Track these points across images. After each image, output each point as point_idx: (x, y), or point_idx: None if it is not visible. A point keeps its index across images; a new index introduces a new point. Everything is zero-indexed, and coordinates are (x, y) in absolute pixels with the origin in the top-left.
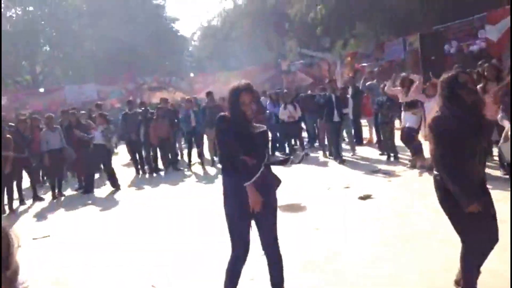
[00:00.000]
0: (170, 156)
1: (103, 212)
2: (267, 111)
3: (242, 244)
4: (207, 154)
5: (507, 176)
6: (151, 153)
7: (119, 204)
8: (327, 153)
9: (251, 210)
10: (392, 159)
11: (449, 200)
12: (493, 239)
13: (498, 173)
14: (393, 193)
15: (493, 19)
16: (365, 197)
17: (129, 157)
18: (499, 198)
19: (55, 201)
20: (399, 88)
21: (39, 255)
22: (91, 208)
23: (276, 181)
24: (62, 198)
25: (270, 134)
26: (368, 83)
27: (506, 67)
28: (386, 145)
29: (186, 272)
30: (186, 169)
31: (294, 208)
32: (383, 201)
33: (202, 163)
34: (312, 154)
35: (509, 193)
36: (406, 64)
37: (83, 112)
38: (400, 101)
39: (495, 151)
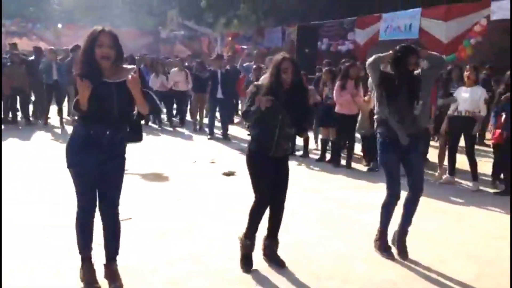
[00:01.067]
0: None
1: None
2: None
3: (83, 199)
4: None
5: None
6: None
7: None
8: (198, 127)
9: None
10: None
11: (247, 161)
12: (266, 200)
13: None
14: None
15: (362, 24)
16: (229, 174)
17: None
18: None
19: None
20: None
21: None
22: None
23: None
24: None
25: None
26: (246, 64)
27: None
28: None
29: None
30: (42, 123)
31: (157, 177)
32: (246, 179)
33: (61, 120)
34: (181, 129)
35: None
36: (283, 52)
37: None
38: None
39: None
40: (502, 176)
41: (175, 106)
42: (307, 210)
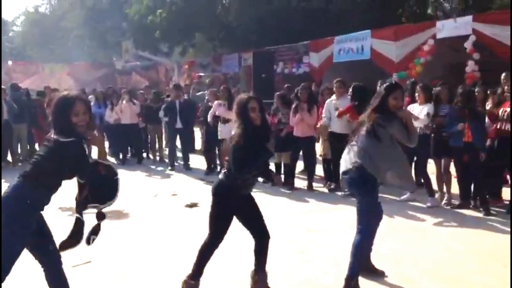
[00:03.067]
0: None
1: None
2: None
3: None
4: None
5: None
6: None
7: None
8: (158, 159)
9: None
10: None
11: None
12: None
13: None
14: None
15: (316, 47)
16: (191, 205)
17: None
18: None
19: None
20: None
21: None
22: None
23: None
24: None
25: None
26: (199, 93)
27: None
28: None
29: None
30: None
31: (116, 214)
32: (208, 209)
33: (13, 162)
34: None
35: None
36: (240, 78)
37: None
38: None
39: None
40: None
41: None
42: (271, 236)
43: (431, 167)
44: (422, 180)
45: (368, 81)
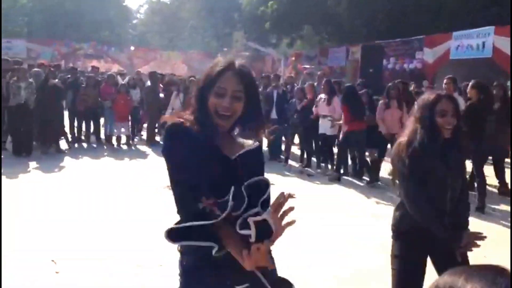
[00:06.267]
0: (93, 128)
1: None
2: None
3: None
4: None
5: None
6: (76, 123)
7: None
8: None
9: None
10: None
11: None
12: None
13: None
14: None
15: (431, 43)
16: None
17: None
18: None
19: None
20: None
21: None
22: None
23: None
24: None
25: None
26: (306, 85)
27: (436, 87)
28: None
29: None
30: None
31: None
32: (304, 201)
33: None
34: None
35: None
36: (346, 71)
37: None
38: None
39: None
40: None
41: None
42: (368, 238)
43: None
44: None
45: (487, 81)
